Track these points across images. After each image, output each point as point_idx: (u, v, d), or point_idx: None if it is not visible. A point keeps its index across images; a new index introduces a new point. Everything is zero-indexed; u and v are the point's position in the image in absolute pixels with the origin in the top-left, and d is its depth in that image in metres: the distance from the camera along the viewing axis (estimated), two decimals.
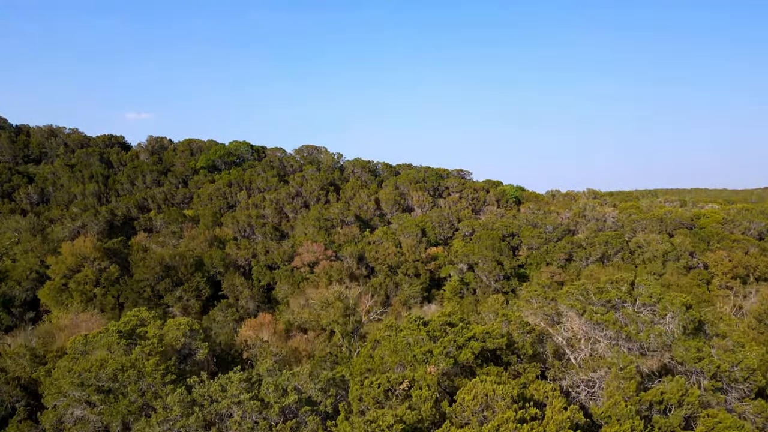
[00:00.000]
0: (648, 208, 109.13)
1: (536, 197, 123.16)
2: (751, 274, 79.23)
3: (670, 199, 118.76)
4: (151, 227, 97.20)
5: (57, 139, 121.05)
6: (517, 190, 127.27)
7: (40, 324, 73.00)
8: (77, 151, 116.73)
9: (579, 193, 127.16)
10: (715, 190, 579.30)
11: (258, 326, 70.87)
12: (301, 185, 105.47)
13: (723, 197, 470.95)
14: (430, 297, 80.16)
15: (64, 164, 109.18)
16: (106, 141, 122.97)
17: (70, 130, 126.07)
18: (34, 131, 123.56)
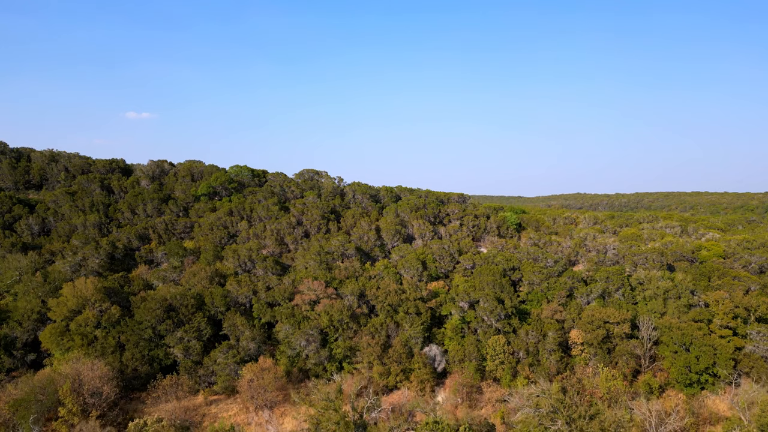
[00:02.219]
0: (649, 237, 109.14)
1: (537, 221, 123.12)
2: (752, 314, 79.20)
3: (671, 225, 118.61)
4: (152, 259, 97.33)
5: (58, 165, 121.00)
6: (518, 214, 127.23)
7: (42, 371, 73.28)
8: (78, 177, 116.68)
9: (580, 218, 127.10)
10: (716, 194, 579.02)
11: (259, 371, 71.18)
12: (302, 213, 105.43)
13: (725, 201, 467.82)
14: (432, 336, 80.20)
15: (65, 192, 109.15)
16: (107, 166, 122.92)
17: (71, 155, 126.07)
18: (35, 156, 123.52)
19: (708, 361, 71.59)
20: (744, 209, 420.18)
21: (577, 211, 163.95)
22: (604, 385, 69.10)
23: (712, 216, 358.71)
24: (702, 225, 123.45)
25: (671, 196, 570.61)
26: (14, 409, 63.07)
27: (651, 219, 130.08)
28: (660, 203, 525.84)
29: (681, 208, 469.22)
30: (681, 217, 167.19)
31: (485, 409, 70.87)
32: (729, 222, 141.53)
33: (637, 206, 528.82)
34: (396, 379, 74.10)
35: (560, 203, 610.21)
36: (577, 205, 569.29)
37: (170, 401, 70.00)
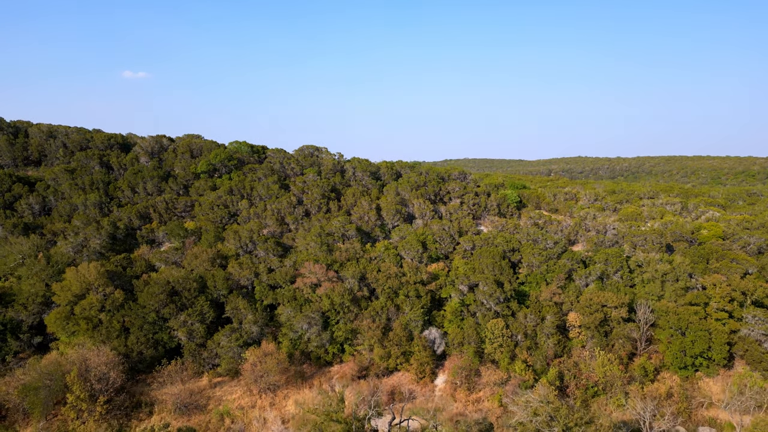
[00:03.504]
0: (649, 215, 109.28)
1: (538, 197, 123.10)
2: (749, 297, 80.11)
3: (671, 201, 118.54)
4: (154, 239, 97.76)
5: (56, 141, 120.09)
6: (519, 189, 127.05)
7: (48, 354, 74.67)
8: (77, 153, 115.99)
9: (581, 193, 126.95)
10: (718, 158, 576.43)
11: (262, 356, 72.54)
12: (302, 192, 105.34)
13: (727, 166, 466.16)
14: (431, 319, 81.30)
15: (64, 170, 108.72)
16: (105, 142, 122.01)
17: (69, 130, 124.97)
18: (33, 132, 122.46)
19: (703, 346, 72.83)
20: (745, 175, 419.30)
21: (579, 184, 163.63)
22: (600, 370, 70.49)
23: (713, 187, 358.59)
24: (702, 201, 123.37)
25: (672, 160, 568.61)
26: (24, 394, 64.63)
27: (651, 195, 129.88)
28: (661, 168, 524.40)
29: (682, 173, 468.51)
30: (682, 189, 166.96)
31: (483, 391, 72.45)
32: (729, 197, 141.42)
33: (638, 171, 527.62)
34: (396, 361, 75.54)
35: (561, 167, 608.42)
36: (578, 169, 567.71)
37: (175, 383, 71.73)
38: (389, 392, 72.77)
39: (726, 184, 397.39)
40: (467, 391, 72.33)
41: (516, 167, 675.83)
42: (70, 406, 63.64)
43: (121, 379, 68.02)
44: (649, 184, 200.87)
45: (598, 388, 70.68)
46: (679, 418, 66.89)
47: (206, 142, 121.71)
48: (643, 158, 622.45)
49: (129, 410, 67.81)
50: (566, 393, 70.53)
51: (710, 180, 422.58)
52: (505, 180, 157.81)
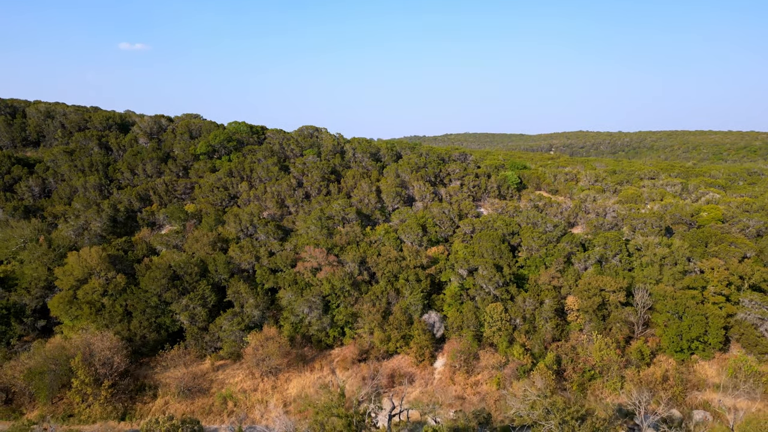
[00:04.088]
0: (649, 196, 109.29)
1: (538, 178, 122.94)
2: (746, 281, 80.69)
3: (672, 182, 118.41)
4: (154, 221, 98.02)
5: (54, 121, 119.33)
6: (519, 170, 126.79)
7: (52, 338, 75.61)
8: (75, 134, 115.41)
9: (581, 174, 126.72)
10: (720, 133, 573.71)
11: (264, 340, 73.47)
12: (302, 174, 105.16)
13: (729, 141, 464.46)
14: (431, 303, 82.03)
15: (63, 151, 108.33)
16: (103, 122, 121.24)
17: (66, 110, 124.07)
18: (31, 112, 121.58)
19: (699, 330, 73.66)
20: (747, 150, 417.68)
21: (580, 163, 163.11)
22: (597, 354, 71.44)
23: (714, 163, 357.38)
24: (703, 182, 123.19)
25: (674, 135, 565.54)
26: (29, 379, 65.70)
27: (652, 175, 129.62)
28: (663, 143, 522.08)
29: (684, 148, 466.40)
30: (683, 168, 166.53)
31: (482, 374, 73.56)
32: (730, 177, 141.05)
33: (640, 146, 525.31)
34: (396, 345, 76.53)
35: (562, 142, 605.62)
36: (579, 144, 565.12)
37: (178, 367, 72.84)
38: (389, 375, 73.94)
39: (727, 160, 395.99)
40: (466, 374, 73.44)
41: (517, 142, 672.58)
42: (76, 391, 64.76)
43: (125, 363, 69.02)
44: (650, 162, 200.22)
45: (594, 372, 71.76)
46: (673, 401, 68.11)
47: (205, 122, 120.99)
48: (645, 133, 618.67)
49: (133, 393, 69.02)
50: (563, 377, 71.64)
51: (711, 155, 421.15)
52: (505, 159, 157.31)
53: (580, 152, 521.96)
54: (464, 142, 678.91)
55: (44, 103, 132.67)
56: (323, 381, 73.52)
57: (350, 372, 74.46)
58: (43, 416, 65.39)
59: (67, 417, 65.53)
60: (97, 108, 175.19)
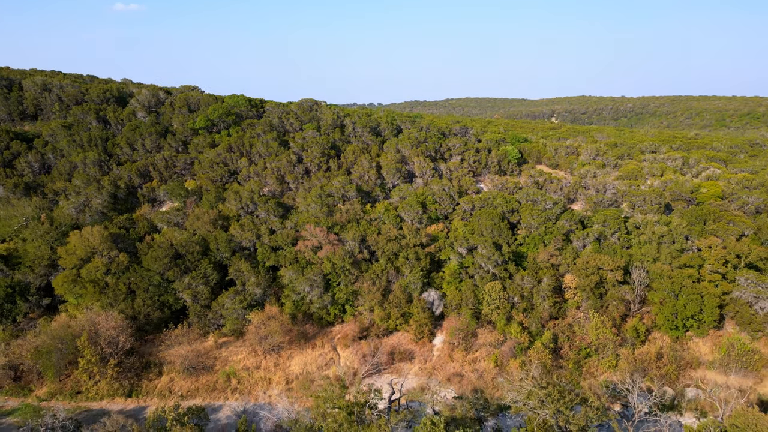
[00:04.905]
0: (649, 171, 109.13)
1: (539, 152, 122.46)
2: (743, 259, 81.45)
3: (672, 156, 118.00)
4: (155, 197, 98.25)
5: (51, 95, 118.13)
6: (520, 143, 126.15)
7: (57, 317, 76.71)
8: (73, 108, 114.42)
9: (582, 147, 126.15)
10: (724, 98, 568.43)
11: (266, 319, 74.73)
12: (302, 149, 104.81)
13: (732, 107, 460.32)
14: (430, 281, 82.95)
15: (61, 125, 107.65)
16: (101, 96, 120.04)
17: (64, 82, 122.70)
18: (27, 84, 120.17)
19: (695, 309, 74.80)
20: (750, 117, 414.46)
21: (581, 134, 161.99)
22: (593, 332, 72.75)
23: (717, 130, 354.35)
24: (704, 156, 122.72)
25: (678, 100, 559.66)
26: (37, 358, 67.16)
27: (653, 148, 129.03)
28: (666, 108, 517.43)
29: (687, 114, 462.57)
30: (684, 139, 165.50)
31: (480, 352, 75.07)
32: (731, 150, 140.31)
33: (643, 112, 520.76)
34: (396, 322, 77.83)
35: (564, 107, 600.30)
36: (581, 110, 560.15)
37: (182, 344, 74.30)
38: (389, 352, 75.43)
39: (730, 127, 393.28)
40: (464, 351, 74.93)
41: (518, 107, 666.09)
42: (82, 369, 66.24)
43: (130, 342, 70.33)
44: (651, 132, 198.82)
45: (590, 350, 73.24)
46: (666, 379, 69.71)
47: (204, 96, 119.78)
48: (648, 98, 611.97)
49: (139, 371, 70.57)
50: (560, 355, 73.14)
51: (714, 122, 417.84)
52: (506, 130, 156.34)
53: (582, 118, 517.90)
54: (465, 108, 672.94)
55: (40, 75, 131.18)
56: (325, 358, 75.22)
57: (351, 349, 75.97)
58: (52, 393, 67.24)
59: (75, 394, 67.18)
60: (93, 77, 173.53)
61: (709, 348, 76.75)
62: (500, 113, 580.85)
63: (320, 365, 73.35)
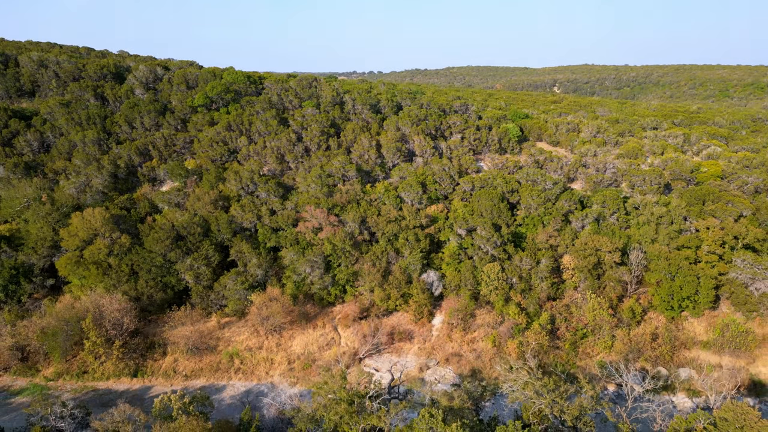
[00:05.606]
0: (650, 150, 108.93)
1: (539, 128, 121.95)
2: (740, 240, 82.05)
3: (674, 134, 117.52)
4: (155, 177, 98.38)
5: (48, 71, 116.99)
6: (521, 119, 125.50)
7: (61, 297, 77.71)
8: (70, 84, 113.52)
9: (583, 124, 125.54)
10: (728, 67, 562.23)
11: (267, 300, 75.77)
12: (301, 127, 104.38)
13: (736, 77, 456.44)
14: (430, 262, 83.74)
15: (59, 103, 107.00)
16: (98, 72, 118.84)
17: (60, 58, 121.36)
18: (23, 61, 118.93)
19: (691, 290, 75.75)
20: (754, 87, 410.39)
21: (582, 109, 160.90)
22: (590, 314, 73.85)
23: (720, 101, 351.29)
24: (705, 133, 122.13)
25: (681, 69, 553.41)
26: (43, 339, 68.41)
27: (655, 124, 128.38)
28: (669, 78, 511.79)
29: (690, 84, 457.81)
30: (686, 113, 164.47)
31: (478, 332, 76.33)
32: (733, 126, 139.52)
33: (646, 81, 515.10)
34: (396, 303, 78.90)
35: (566, 77, 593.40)
36: (584, 79, 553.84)
37: (186, 325, 75.55)
38: (389, 333, 76.71)
39: (733, 97, 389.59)
40: (463, 331, 76.20)
41: (520, 76, 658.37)
42: (88, 351, 67.56)
43: (134, 323, 71.54)
44: (654, 105, 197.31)
45: (587, 331, 74.46)
46: (661, 359, 71.11)
47: (202, 72, 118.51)
48: (652, 67, 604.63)
49: (144, 351, 71.95)
50: (557, 335, 74.41)
51: (718, 92, 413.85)
52: (508, 104, 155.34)
53: (585, 88, 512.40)
54: (467, 77, 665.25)
55: (36, 50, 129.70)
56: (326, 338, 76.56)
57: (352, 329, 77.23)
58: (59, 373, 68.75)
59: (81, 374, 68.67)
60: (90, 50, 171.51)
61: (703, 328, 77.99)
62: (502, 83, 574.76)
63: (321, 345, 74.71)
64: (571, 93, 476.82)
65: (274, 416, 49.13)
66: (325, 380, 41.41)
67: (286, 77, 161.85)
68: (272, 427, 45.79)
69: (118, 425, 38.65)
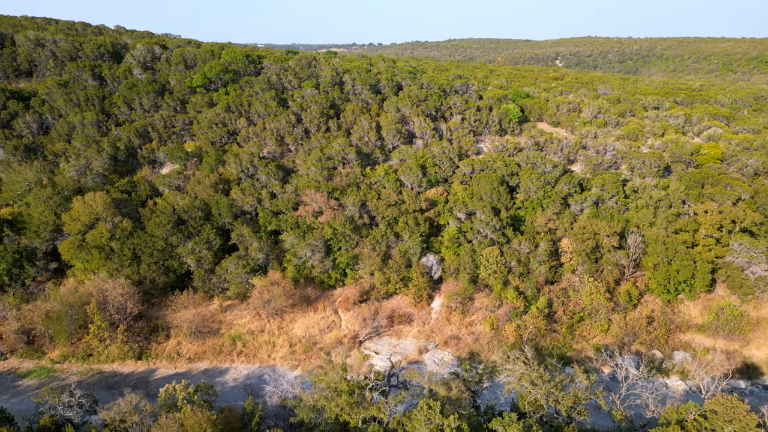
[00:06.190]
0: (650, 130, 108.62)
1: (540, 108, 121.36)
2: (738, 224, 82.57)
3: (675, 114, 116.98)
4: (155, 159, 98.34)
5: (45, 50, 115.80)
6: (522, 99, 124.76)
7: (65, 281, 78.59)
8: (68, 64, 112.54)
9: (584, 103, 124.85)
10: (733, 40, 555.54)
11: (269, 284, 76.67)
12: (301, 108, 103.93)
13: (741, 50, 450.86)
14: (429, 245, 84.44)
15: (57, 84, 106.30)
16: (95, 51, 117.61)
17: (57, 37, 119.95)
18: (20, 40, 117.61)
19: (687, 274, 76.61)
20: (758, 61, 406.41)
21: (583, 86, 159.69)
22: (587, 298, 74.83)
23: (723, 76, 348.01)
24: (707, 113, 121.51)
25: (685, 42, 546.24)
26: (48, 323, 69.53)
27: (656, 104, 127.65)
28: (673, 51, 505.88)
29: (693, 58, 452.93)
30: (689, 90, 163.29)
31: (476, 315, 77.47)
32: (735, 105, 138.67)
33: (649, 55, 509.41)
34: (395, 286, 79.84)
35: (569, 50, 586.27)
36: (587, 52, 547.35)
37: (188, 308, 76.60)
38: (388, 316, 77.88)
39: (737, 71, 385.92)
40: (461, 314, 77.33)
41: (522, 48, 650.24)
42: (93, 335, 68.77)
43: (138, 308, 72.58)
44: (656, 81, 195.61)
45: (584, 314, 75.56)
46: (656, 343, 72.39)
47: (200, 51, 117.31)
48: (655, 40, 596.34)
49: (147, 334, 73.13)
50: (554, 319, 75.54)
51: (721, 66, 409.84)
52: (509, 81, 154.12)
53: (587, 61, 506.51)
54: (468, 49, 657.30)
55: (32, 28, 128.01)
56: (327, 321, 77.71)
57: (352, 312, 78.35)
58: (65, 356, 70.06)
59: (86, 356, 70.01)
60: (86, 25, 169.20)
61: (699, 311, 79.07)
62: (503, 55, 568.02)
63: (322, 328, 75.92)
64: (574, 67, 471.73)
65: (277, 404, 50.36)
66: (326, 371, 42.39)
67: (285, 53, 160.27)
68: (275, 414, 47.03)
69: (124, 415, 39.78)
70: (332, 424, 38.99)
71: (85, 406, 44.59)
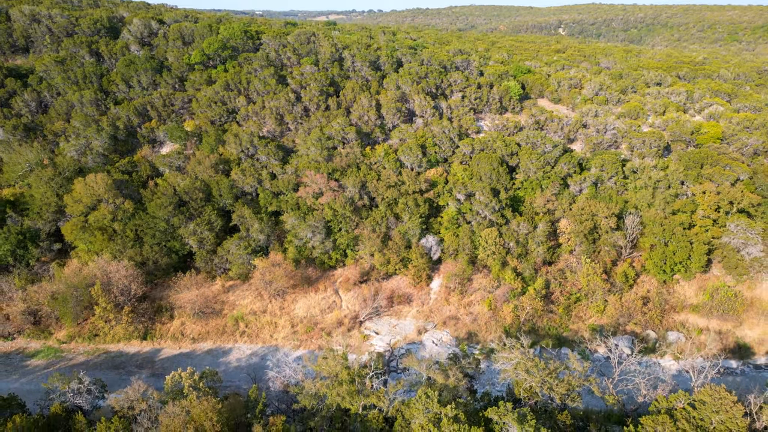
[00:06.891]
0: (651, 108, 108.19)
1: (541, 84, 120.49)
2: (735, 205, 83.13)
3: (677, 91, 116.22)
4: (155, 138, 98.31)
5: (41, 26, 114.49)
6: (524, 75, 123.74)
7: (69, 261, 79.62)
8: (64, 40, 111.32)
9: (585, 79, 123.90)
10: (739, 8, 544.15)
11: (270, 266, 77.69)
12: (300, 86, 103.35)
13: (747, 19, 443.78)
14: (429, 227, 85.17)
15: (54, 60, 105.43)
16: (92, 26, 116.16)
17: (53, 12, 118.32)
18: (15, 15, 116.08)
19: (683, 256, 77.54)
20: (764, 30, 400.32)
21: (585, 60, 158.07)
22: (584, 279, 75.93)
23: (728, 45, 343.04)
24: (708, 90, 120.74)
25: (691, 10, 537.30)
26: (54, 305, 70.79)
27: (658, 80, 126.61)
28: (678, 19, 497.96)
29: (699, 27, 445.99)
30: (692, 63, 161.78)
31: (474, 296, 78.76)
32: (737, 81, 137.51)
33: (654, 23, 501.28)
34: (395, 267, 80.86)
35: (572, 17, 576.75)
36: (590, 20, 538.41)
37: (191, 289, 77.85)
38: (388, 296, 79.16)
39: (742, 41, 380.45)
40: (460, 295, 78.60)
41: (525, 16, 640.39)
42: (98, 316, 70.10)
43: (142, 289, 73.72)
44: (659, 55, 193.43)
45: (580, 295, 76.78)
46: (651, 323, 73.79)
47: (198, 27, 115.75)
48: (660, 7, 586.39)
49: (152, 315, 74.51)
50: (551, 300, 76.81)
51: (726, 35, 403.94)
52: (510, 54, 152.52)
53: (591, 30, 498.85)
54: (470, 17, 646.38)
55: (27, 2, 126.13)
56: (327, 301, 79.02)
57: (352, 293, 79.60)
58: (71, 336, 71.56)
59: (93, 336, 71.48)
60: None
61: (694, 291, 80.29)
62: (506, 23, 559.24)
63: (323, 309, 77.27)
64: (577, 35, 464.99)
65: (280, 389, 51.83)
66: (327, 360, 43.58)
67: (284, 25, 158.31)
68: (278, 398, 48.52)
69: (133, 402, 41.13)
70: (333, 411, 40.42)
71: (94, 392, 45.97)
